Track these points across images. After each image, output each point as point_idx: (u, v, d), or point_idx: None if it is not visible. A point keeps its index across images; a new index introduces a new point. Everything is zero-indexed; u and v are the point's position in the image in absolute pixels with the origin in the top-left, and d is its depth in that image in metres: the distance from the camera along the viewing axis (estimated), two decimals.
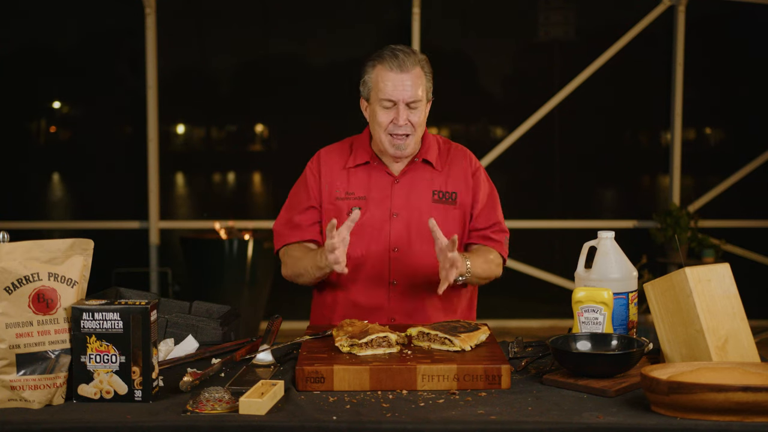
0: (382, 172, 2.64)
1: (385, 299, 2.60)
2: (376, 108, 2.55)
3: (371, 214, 2.60)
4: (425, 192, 2.64)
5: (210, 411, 1.79)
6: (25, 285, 1.86)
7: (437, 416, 1.78)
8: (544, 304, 7.06)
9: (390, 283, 2.60)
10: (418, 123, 2.54)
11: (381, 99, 2.52)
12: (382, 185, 2.63)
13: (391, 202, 2.62)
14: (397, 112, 2.51)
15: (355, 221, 2.39)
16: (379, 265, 2.60)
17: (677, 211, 6.72)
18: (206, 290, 5.84)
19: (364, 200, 2.61)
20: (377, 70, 2.53)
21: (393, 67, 2.50)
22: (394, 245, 2.60)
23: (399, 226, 2.60)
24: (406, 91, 2.50)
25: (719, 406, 1.71)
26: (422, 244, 2.59)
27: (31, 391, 1.85)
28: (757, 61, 7.10)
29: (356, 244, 2.56)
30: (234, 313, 2.69)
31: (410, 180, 2.64)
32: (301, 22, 6.81)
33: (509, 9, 7.03)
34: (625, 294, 2.30)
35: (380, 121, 2.54)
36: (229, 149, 7.19)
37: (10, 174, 6.77)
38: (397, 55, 2.50)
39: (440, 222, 2.54)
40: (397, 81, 2.49)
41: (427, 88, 2.57)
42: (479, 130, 7.29)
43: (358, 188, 2.63)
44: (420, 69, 2.53)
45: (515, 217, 6.90)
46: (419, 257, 2.59)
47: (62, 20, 6.67)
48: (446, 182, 2.66)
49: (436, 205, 2.63)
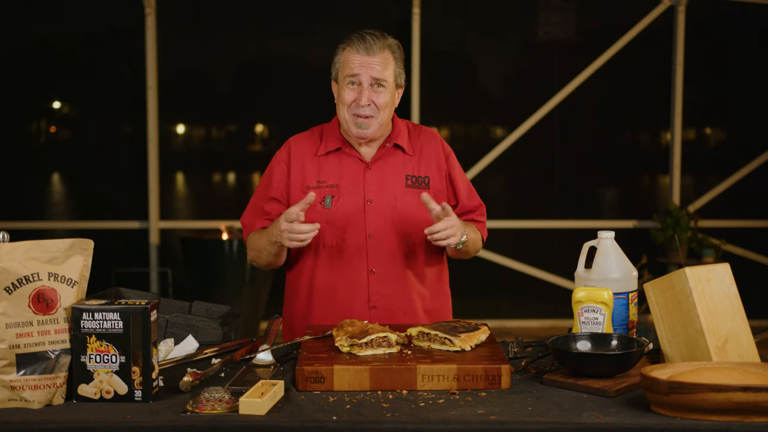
0: (353, 159, 2.62)
1: (364, 287, 2.58)
2: (342, 86, 2.56)
3: (344, 201, 2.58)
4: (398, 177, 2.62)
5: (210, 411, 1.79)
6: (25, 285, 1.86)
7: (437, 416, 1.78)
8: (544, 304, 7.06)
9: (369, 272, 2.58)
10: (383, 105, 2.54)
11: (346, 76, 2.53)
12: (354, 172, 2.61)
13: (364, 189, 2.60)
14: (361, 90, 2.51)
15: (308, 203, 2.39)
16: (356, 254, 2.58)
17: (677, 211, 6.72)
18: (206, 290, 5.84)
19: (336, 188, 2.59)
20: (345, 53, 2.55)
21: (360, 49, 2.51)
22: (370, 232, 2.58)
23: (374, 212, 2.58)
24: (372, 69, 2.51)
25: (719, 406, 1.71)
26: (398, 229, 2.59)
27: (31, 391, 1.85)
28: (757, 61, 7.10)
29: (331, 232, 2.57)
30: (234, 314, 2.69)
31: (382, 166, 2.63)
32: (301, 22, 6.81)
33: (509, 9, 7.03)
34: (625, 294, 2.30)
35: (344, 99, 2.54)
36: (229, 149, 7.19)
37: (10, 174, 6.77)
38: (365, 38, 2.52)
39: (415, 206, 2.57)
40: (363, 62, 2.51)
41: (396, 73, 2.57)
42: (479, 130, 7.29)
43: (329, 176, 2.61)
44: (389, 52, 2.54)
45: (515, 217, 6.91)
46: (396, 243, 2.59)
47: (62, 20, 6.67)
48: (418, 166, 2.65)
49: (410, 190, 2.61)
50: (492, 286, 7.01)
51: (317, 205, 2.56)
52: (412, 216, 2.59)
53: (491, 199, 7.08)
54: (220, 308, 2.65)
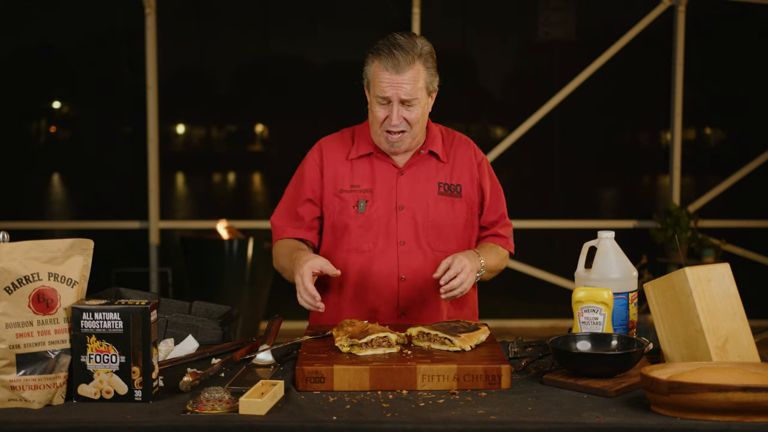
0: (386, 164, 2.59)
1: (394, 295, 2.56)
2: (373, 102, 2.50)
3: (377, 207, 2.56)
4: (431, 184, 2.59)
5: (210, 411, 1.79)
6: (25, 285, 1.86)
7: (437, 416, 1.78)
8: (544, 304, 7.06)
9: (399, 279, 2.56)
10: (415, 120, 2.48)
11: (377, 95, 2.47)
12: (387, 177, 2.58)
13: (396, 194, 2.57)
14: (391, 109, 2.46)
15: (330, 274, 2.38)
16: (387, 261, 2.56)
17: (677, 211, 6.72)
18: (206, 290, 5.83)
19: (370, 192, 2.57)
20: (374, 67, 2.47)
21: (388, 66, 2.43)
22: (401, 238, 2.56)
23: (405, 219, 2.56)
24: (400, 89, 2.43)
25: (719, 406, 1.71)
26: (429, 236, 2.57)
27: (31, 391, 1.85)
28: (757, 61, 7.09)
29: (364, 237, 2.55)
30: (233, 314, 2.69)
31: (415, 172, 2.59)
32: (301, 22, 6.81)
33: (509, 9, 7.03)
34: (625, 294, 2.30)
35: (376, 116, 2.49)
36: (229, 149, 7.19)
37: (10, 174, 6.77)
38: (394, 54, 2.42)
39: (447, 214, 2.56)
40: (392, 80, 2.43)
41: (427, 82, 2.49)
42: (479, 130, 7.29)
43: (363, 180, 2.58)
44: (420, 64, 2.45)
45: (515, 217, 6.88)
46: (427, 250, 2.57)
47: (62, 20, 6.67)
48: (451, 174, 2.62)
49: (442, 197, 2.59)
50: (492, 286, 6.99)
51: (351, 210, 2.55)
52: (444, 224, 2.58)
53: None
54: (220, 308, 2.65)
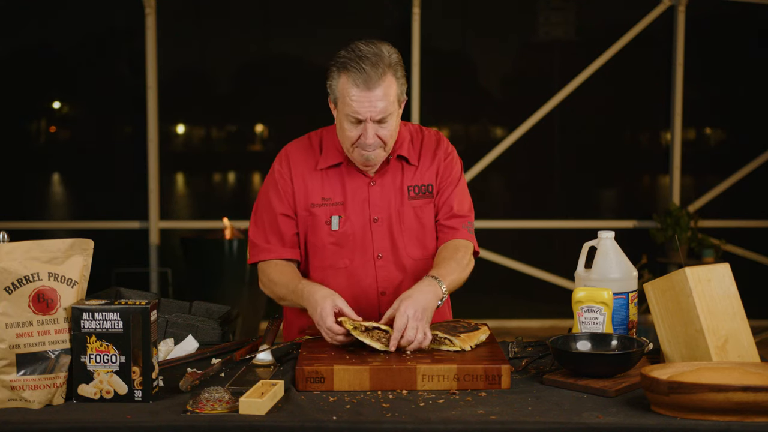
0: (356, 174, 2.45)
1: (375, 310, 2.46)
2: (343, 120, 2.32)
3: (352, 222, 2.44)
4: (400, 190, 2.47)
5: (210, 411, 1.79)
6: (25, 285, 1.86)
7: (437, 416, 1.78)
8: (544, 304, 7.06)
9: (380, 293, 2.46)
10: (390, 136, 2.34)
11: (347, 114, 2.29)
12: (358, 189, 2.45)
13: (369, 206, 2.45)
14: (365, 129, 2.29)
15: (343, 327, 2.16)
16: (365, 276, 2.45)
17: (677, 211, 6.71)
18: (206, 290, 5.83)
19: (342, 206, 2.44)
20: (342, 82, 2.29)
21: (358, 82, 2.25)
22: (378, 252, 2.45)
23: (380, 231, 2.45)
24: (373, 108, 2.27)
25: (719, 406, 1.71)
26: (407, 247, 2.47)
27: (31, 391, 1.85)
28: (757, 61, 7.09)
29: (339, 254, 2.44)
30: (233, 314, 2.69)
31: (386, 181, 2.46)
32: (301, 22, 6.80)
33: (509, 9, 7.03)
34: (625, 294, 2.30)
35: (348, 135, 2.33)
36: (229, 149, 7.19)
37: (10, 174, 6.77)
38: (363, 69, 2.25)
39: (420, 219, 2.47)
40: (363, 99, 2.26)
41: (398, 94, 2.33)
42: (479, 130, 7.29)
43: (333, 193, 2.44)
44: (391, 75, 2.29)
45: (515, 217, 6.91)
46: (406, 262, 2.47)
47: (62, 20, 6.67)
48: (422, 175, 2.49)
49: (413, 202, 2.47)
50: (492, 286, 7.00)
51: (324, 226, 2.43)
52: (419, 229, 2.48)
53: (491, 199, 7.12)
54: (220, 308, 2.65)
